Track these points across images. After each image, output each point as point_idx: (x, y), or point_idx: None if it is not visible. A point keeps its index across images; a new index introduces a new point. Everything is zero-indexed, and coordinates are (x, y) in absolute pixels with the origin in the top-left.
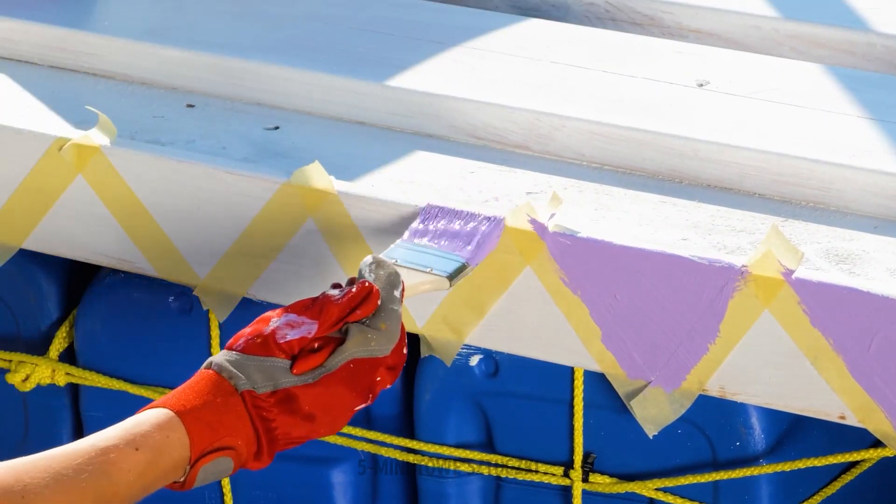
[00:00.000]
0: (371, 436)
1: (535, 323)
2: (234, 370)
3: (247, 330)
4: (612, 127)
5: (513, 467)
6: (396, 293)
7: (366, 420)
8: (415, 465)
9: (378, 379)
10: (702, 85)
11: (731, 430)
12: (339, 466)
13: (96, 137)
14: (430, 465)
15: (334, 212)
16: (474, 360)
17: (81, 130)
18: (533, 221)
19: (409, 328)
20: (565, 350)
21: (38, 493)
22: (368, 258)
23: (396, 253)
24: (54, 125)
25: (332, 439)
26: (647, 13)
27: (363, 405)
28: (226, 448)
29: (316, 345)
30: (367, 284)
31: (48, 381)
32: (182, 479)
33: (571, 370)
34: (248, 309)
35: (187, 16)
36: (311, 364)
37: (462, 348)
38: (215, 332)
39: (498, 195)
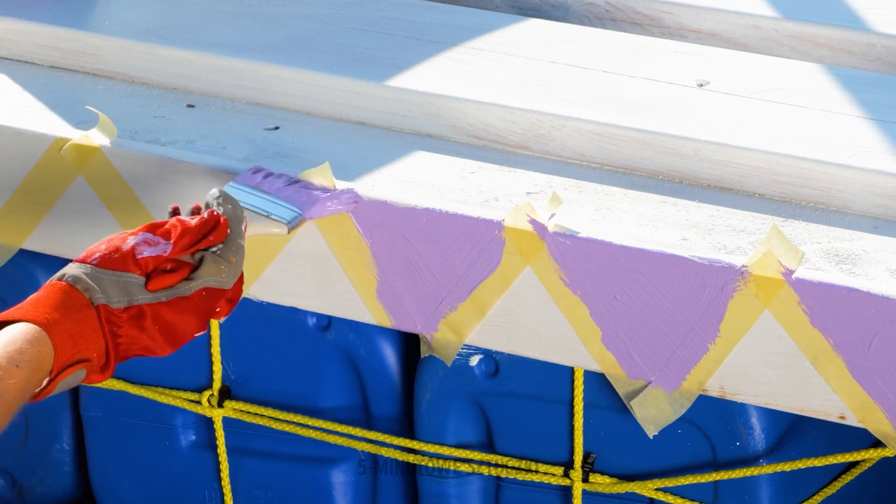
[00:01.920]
0: (371, 436)
1: (536, 323)
2: (91, 283)
3: (101, 245)
4: (612, 127)
5: (513, 467)
6: (242, 228)
7: (366, 420)
8: (415, 465)
9: (217, 310)
10: (702, 85)
11: (731, 431)
12: (340, 466)
13: (96, 137)
14: (430, 465)
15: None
16: (474, 361)
17: (81, 130)
18: (533, 221)
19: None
20: (565, 350)
21: None
22: (215, 191)
23: (236, 193)
24: (54, 125)
25: (333, 439)
26: (647, 13)
27: (200, 333)
28: (83, 360)
29: (169, 266)
30: (216, 214)
31: None
32: (39, 391)
33: (571, 370)
34: (248, 308)
35: (187, 16)
36: (166, 283)
37: (462, 348)
38: (215, 332)
39: (498, 195)
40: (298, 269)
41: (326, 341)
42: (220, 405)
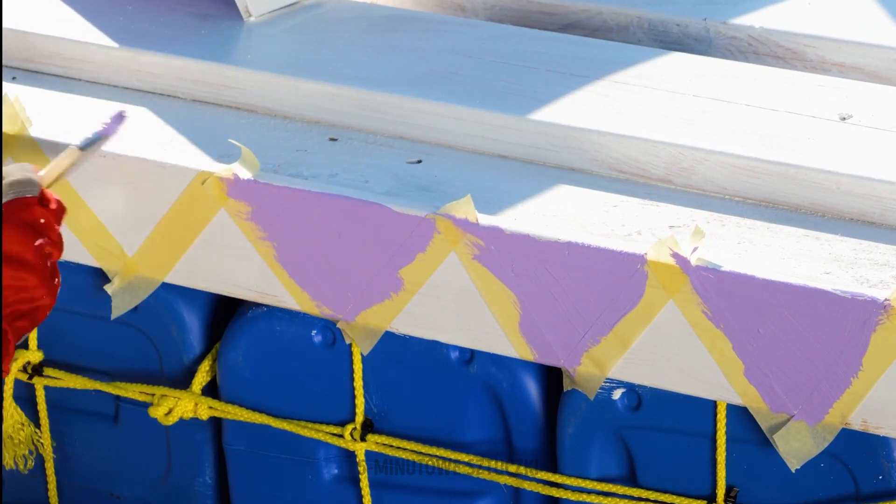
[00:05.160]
0: (513, 469)
1: (678, 356)
2: None
3: None
4: (755, 160)
5: (655, 501)
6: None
7: (508, 453)
8: (557, 498)
9: (42, 220)
10: (844, 118)
11: (874, 464)
12: (482, 500)
13: (239, 171)
14: (572, 498)
15: (475, 246)
16: (617, 394)
17: (224, 164)
18: (676, 255)
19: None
20: (708, 384)
21: None
22: None
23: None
24: (197, 159)
25: (475, 472)
26: (790, 47)
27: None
28: None
29: None
30: None
31: (191, 414)
32: None
33: (714, 404)
34: (390, 342)
35: (329, 50)
36: None
37: (604, 382)
38: (358, 366)
39: (640, 229)
40: (441, 303)
41: (469, 375)
42: (362, 439)
